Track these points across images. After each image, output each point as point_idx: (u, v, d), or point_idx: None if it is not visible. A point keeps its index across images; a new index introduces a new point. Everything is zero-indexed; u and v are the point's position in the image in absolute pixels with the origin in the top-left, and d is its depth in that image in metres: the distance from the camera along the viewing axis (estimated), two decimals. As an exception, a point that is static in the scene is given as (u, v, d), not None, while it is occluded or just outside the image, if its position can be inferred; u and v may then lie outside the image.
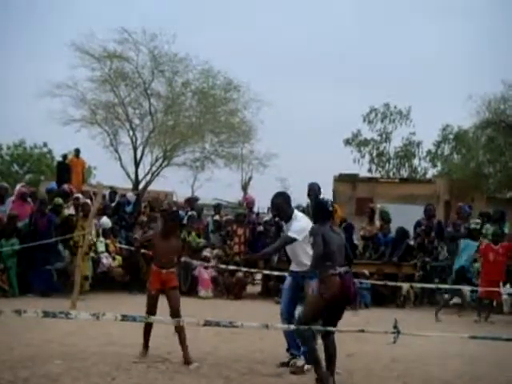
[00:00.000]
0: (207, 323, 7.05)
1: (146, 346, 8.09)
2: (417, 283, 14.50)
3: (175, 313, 7.95)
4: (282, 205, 7.89)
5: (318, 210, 7.24)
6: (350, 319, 10.43)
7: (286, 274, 8.35)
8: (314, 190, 11.11)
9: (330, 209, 7.14)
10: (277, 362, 7.76)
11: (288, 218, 7.84)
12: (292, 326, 7.02)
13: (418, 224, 16.47)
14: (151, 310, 8.03)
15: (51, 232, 14.24)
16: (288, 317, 7.78)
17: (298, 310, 7.57)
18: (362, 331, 7.89)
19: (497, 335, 8.40)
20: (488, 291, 13.16)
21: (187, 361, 7.67)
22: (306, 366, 7.51)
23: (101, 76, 31.28)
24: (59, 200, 14.99)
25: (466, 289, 13.73)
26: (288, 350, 7.88)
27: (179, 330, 7.80)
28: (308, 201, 11.48)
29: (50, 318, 8.96)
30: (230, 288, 15.47)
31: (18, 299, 12.95)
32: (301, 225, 7.71)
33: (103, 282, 15.45)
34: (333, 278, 6.65)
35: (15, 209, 14.81)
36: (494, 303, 14.08)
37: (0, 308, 6.46)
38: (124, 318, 6.48)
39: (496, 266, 13.56)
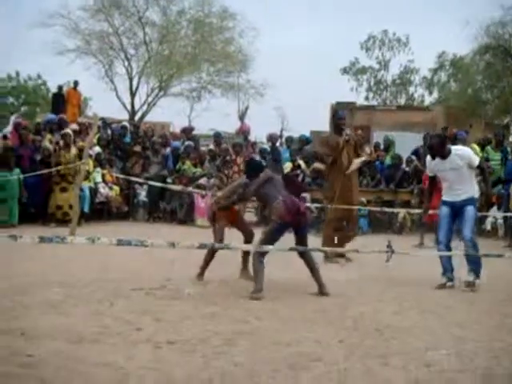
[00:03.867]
0: (202, 246, 7.13)
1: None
2: (413, 209, 14.55)
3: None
4: (437, 145, 8.57)
5: (249, 168, 8.28)
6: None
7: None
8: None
9: (261, 168, 8.24)
10: (274, 287, 7.83)
11: (444, 155, 8.52)
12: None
13: (415, 152, 16.49)
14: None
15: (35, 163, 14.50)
16: (448, 244, 8.61)
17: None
18: (357, 251, 8.02)
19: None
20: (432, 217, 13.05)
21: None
22: (477, 281, 8.31)
23: (94, 5, 30.81)
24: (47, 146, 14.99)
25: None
26: (444, 273, 8.55)
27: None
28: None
29: (47, 248, 9.18)
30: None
31: (18, 228, 13.04)
32: (468, 150, 8.92)
33: (101, 212, 15.56)
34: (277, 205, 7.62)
35: (12, 139, 14.82)
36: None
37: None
38: (119, 242, 6.51)
39: (436, 192, 13.51)
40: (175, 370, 4.75)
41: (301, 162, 16.56)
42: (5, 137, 15.12)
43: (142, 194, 16.46)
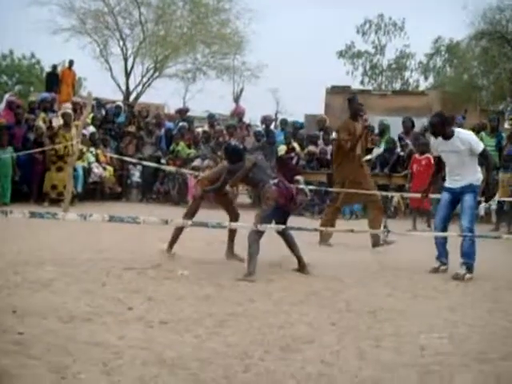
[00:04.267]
0: (194, 224, 7.11)
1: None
2: (407, 193, 14.51)
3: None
4: (437, 124, 8.35)
5: (228, 155, 8.28)
6: (341, 226, 10.63)
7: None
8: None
9: (240, 152, 8.23)
10: (268, 270, 7.82)
11: (446, 136, 8.29)
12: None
13: (399, 138, 16.50)
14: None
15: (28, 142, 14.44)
16: (444, 230, 8.52)
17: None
18: (352, 231, 8.01)
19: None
20: (418, 202, 12.96)
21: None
22: (468, 276, 8.06)
23: (90, -17, 30.52)
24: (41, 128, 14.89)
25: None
26: (438, 258, 8.58)
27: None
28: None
29: (40, 227, 9.16)
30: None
31: (10, 207, 12.95)
32: (471, 136, 8.54)
33: (94, 192, 15.49)
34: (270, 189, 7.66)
35: (5, 117, 14.74)
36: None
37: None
38: (111, 219, 6.48)
39: (419, 176, 13.45)
40: (167, 350, 4.73)
41: (295, 145, 16.52)
42: (-3, 115, 15.04)
43: (136, 175, 16.41)
